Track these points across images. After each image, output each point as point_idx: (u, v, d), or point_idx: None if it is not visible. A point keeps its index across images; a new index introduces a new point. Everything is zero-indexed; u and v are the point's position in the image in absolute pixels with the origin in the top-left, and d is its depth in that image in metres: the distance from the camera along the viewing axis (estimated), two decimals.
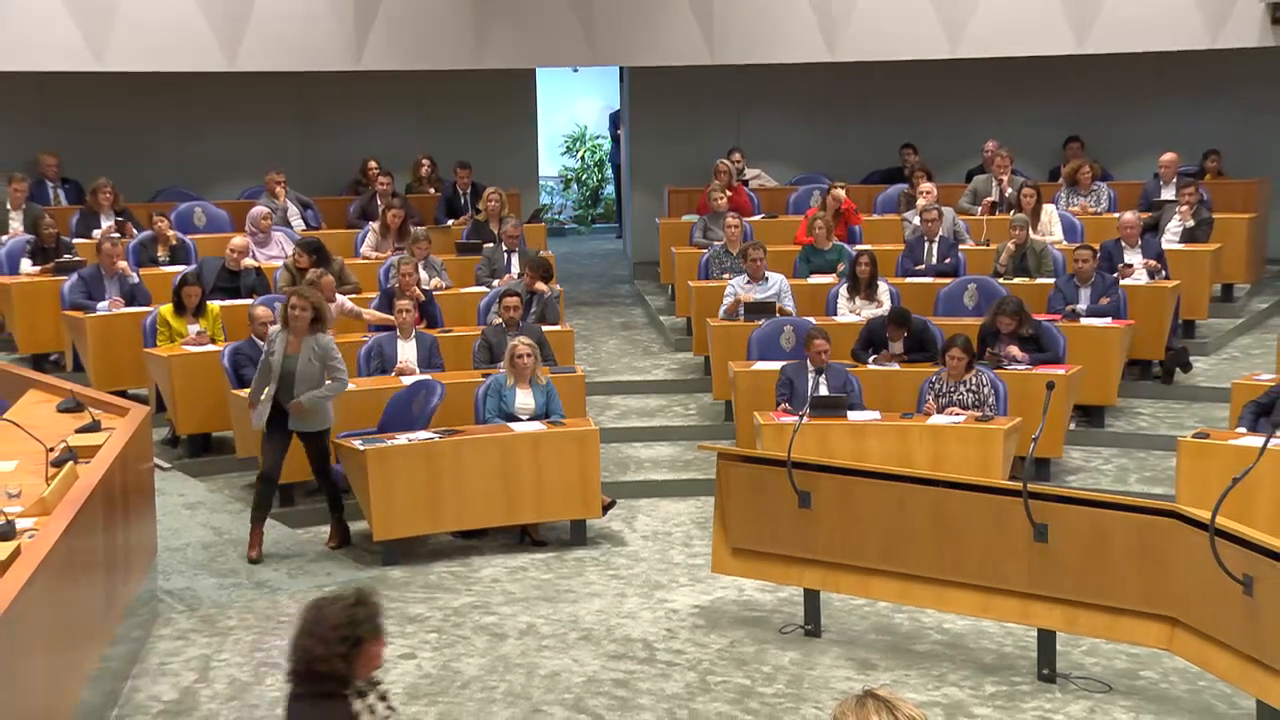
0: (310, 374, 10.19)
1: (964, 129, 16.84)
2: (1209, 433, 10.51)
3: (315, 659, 4.68)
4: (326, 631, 4.68)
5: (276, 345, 10.27)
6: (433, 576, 10.43)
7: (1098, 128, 16.77)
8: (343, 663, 4.69)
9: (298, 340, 10.19)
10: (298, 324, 10.18)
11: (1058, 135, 16.79)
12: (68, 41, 14.98)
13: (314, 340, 10.22)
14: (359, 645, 4.71)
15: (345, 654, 4.68)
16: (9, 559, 7.08)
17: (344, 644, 4.68)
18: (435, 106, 17.38)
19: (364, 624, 4.74)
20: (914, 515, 8.82)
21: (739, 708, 8.28)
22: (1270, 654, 7.47)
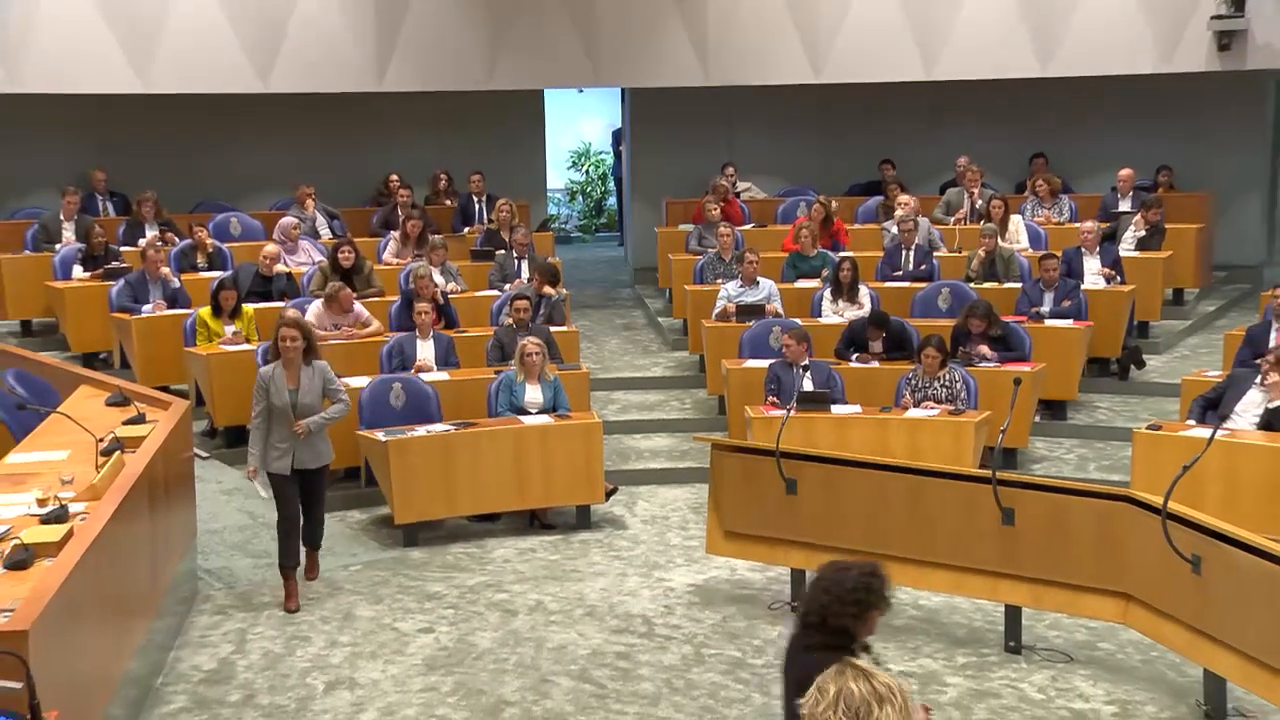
0: (315, 404, 9.34)
1: (938, 146, 16.84)
2: (1161, 425, 10.50)
3: (829, 614, 4.89)
4: (843, 592, 4.89)
5: (275, 384, 9.24)
6: (449, 557, 10.44)
7: (1060, 144, 16.78)
8: (852, 621, 4.88)
9: (294, 372, 9.27)
10: (292, 354, 9.26)
11: (1024, 151, 16.80)
12: (116, 67, 15.03)
13: (310, 369, 9.33)
14: (868, 610, 4.91)
15: (855, 614, 4.88)
16: (63, 540, 7.12)
17: (856, 606, 4.88)
18: (451, 125, 17.36)
19: (876, 593, 4.93)
20: (892, 501, 8.84)
21: (731, 678, 8.30)
22: (1216, 627, 7.51)
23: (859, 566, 5.01)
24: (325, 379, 9.35)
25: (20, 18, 14.68)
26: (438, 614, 9.33)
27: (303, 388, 9.20)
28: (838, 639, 4.86)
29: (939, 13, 15.72)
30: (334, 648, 8.79)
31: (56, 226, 14.99)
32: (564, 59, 16.06)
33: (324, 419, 9.31)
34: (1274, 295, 11.66)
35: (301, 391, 9.18)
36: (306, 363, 9.26)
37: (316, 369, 9.32)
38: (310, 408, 9.21)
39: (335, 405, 9.40)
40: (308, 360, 9.28)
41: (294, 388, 9.18)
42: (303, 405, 9.16)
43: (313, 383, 9.26)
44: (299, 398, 9.16)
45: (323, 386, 9.33)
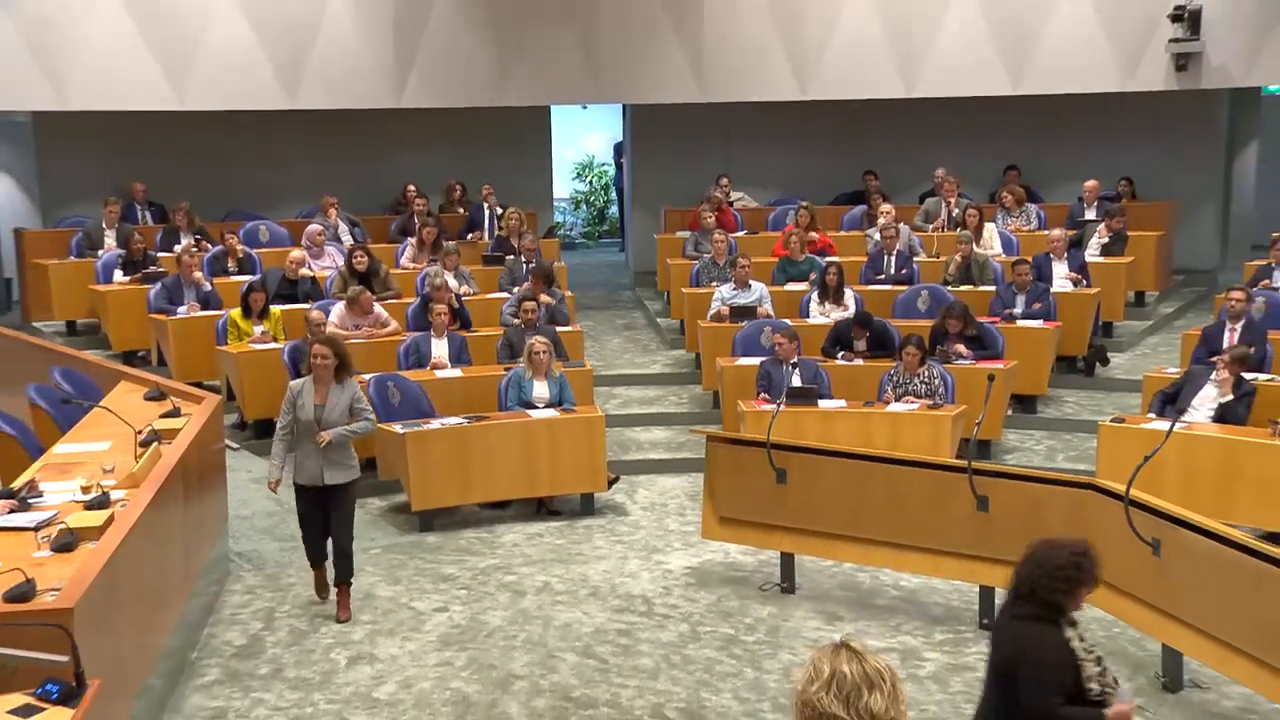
0: (340, 423, 8.68)
1: (917, 158, 16.82)
2: (1124, 418, 10.53)
3: (1039, 587, 4.98)
4: (1054, 569, 4.98)
5: (303, 398, 8.68)
6: (462, 541, 10.45)
7: (1030, 158, 16.78)
8: (1062, 596, 4.97)
9: (323, 389, 8.67)
10: (322, 372, 8.66)
11: (997, 164, 16.82)
12: (155, 86, 15.06)
13: (340, 388, 8.72)
14: (1077, 586, 5.00)
15: (1065, 590, 4.97)
16: (105, 524, 7.14)
17: (1067, 582, 4.97)
18: (464, 138, 17.35)
19: (1086, 570, 5.02)
20: (875, 489, 8.85)
21: (724, 654, 8.32)
22: (1174, 605, 7.53)
23: (1070, 545, 5.09)
24: (354, 398, 8.76)
25: (67, 41, 14.71)
26: (452, 594, 9.35)
27: (329, 404, 8.63)
28: (1047, 611, 4.97)
29: (918, 35, 15.73)
30: (355, 625, 8.80)
31: (99, 234, 15.03)
32: (569, 77, 16.07)
33: (347, 431, 8.71)
34: (1228, 298, 11.68)
35: (328, 408, 8.61)
36: (338, 380, 8.72)
37: (347, 387, 8.76)
38: (334, 424, 8.62)
39: (359, 422, 8.80)
40: (340, 378, 8.73)
41: (320, 403, 8.62)
42: (327, 421, 8.59)
43: (340, 400, 8.68)
44: (324, 414, 8.60)
45: (350, 405, 8.72)
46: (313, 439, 8.56)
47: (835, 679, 3.79)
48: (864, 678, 3.78)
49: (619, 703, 7.67)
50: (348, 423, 8.66)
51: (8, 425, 9.88)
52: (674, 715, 7.51)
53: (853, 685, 3.77)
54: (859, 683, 3.78)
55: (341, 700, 7.73)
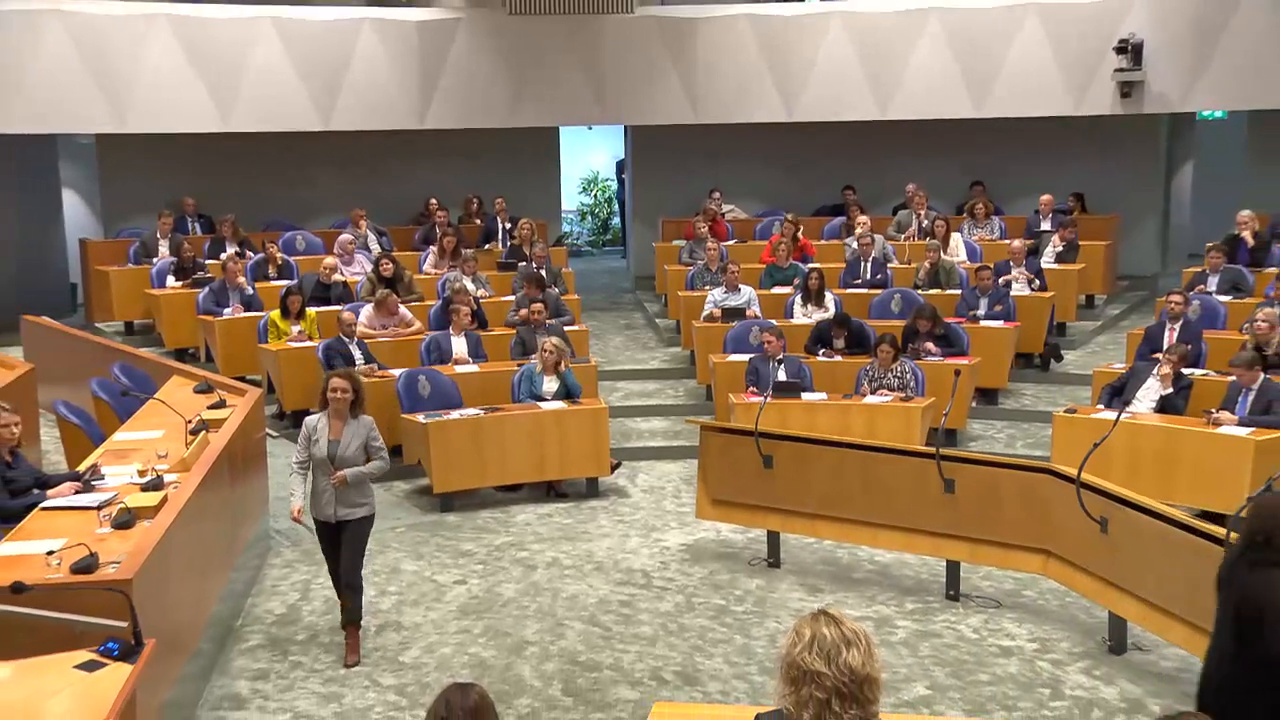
0: (355, 459, 7.80)
1: (891, 174, 16.85)
2: (1076, 408, 10.53)
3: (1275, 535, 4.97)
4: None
5: (319, 434, 7.80)
6: (479, 521, 10.45)
7: (992, 174, 16.80)
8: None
9: (339, 423, 7.81)
10: (338, 405, 7.80)
11: (962, 180, 16.83)
12: (203, 110, 15.12)
13: (356, 423, 7.84)
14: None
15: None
16: (159, 504, 7.18)
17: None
18: (481, 156, 17.34)
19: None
20: (852, 473, 8.87)
21: (716, 622, 8.33)
22: (1120, 577, 7.57)
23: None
24: (369, 435, 7.89)
25: (126, 70, 14.73)
26: (469, 568, 9.37)
27: (344, 440, 7.77)
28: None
29: (891, 64, 15.74)
30: (383, 596, 8.83)
31: (154, 243, 15.07)
32: (575, 101, 16.09)
33: (362, 471, 7.82)
34: (1168, 301, 11.69)
35: (343, 444, 7.76)
36: (353, 415, 7.85)
37: (362, 424, 7.87)
38: (349, 461, 7.75)
39: (375, 462, 7.91)
40: (354, 413, 7.87)
41: (335, 439, 7.77)
42: (341, 458, 7.73)
43: (355, 436, 7.81)
44: (339, 449, 7.75)
45: (365, 442, 7.85)
46: (329, 477, 7.74)
47: (816, 640, 3.82)
48: (842, 638, 3.81)
49: (621, 666, 7.69)
50: (363, 460, 7.82)
51: (73, 415, 9.92)
52: (670, 678, 7.53)
53: (832, 644, 3.80)
54: (838, 642, 3.80)
55: (371, 663, 7.75)
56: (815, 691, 3.74)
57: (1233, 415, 9.77)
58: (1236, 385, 9.97)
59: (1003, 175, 16.86)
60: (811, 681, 3.76)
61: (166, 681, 6.07)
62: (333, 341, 11.76)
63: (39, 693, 4.59)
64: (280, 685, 7.47)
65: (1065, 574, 8.06)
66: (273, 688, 7.45)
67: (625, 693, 7.34)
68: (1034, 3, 15.44)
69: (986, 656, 7.76)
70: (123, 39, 14.74)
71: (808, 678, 3.77)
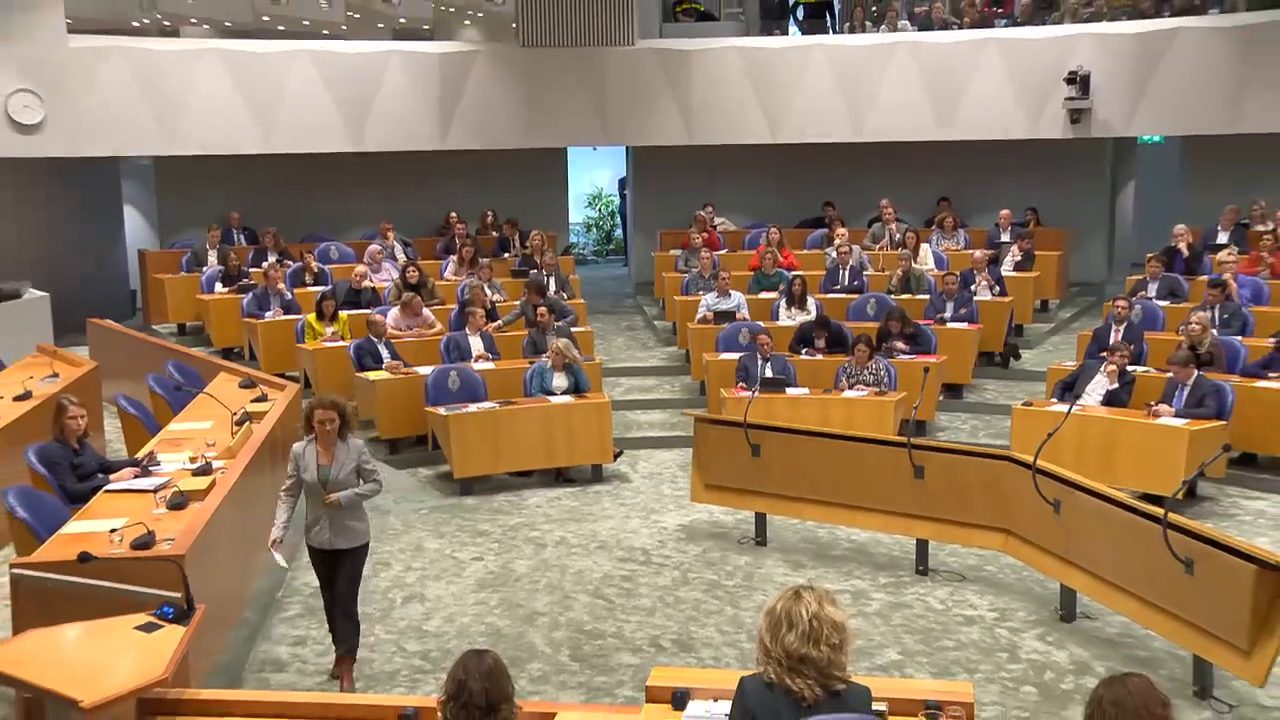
0: (348, 482, 6.98)
1: (866, 191, 16.84)
2: (1032, 402, 10.55)
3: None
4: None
5: (306, 460, 6.92)
6: (495, 503, 10.45)
7: (956, 191, 16.81)
8: None
9: (328, 450, 6.95)
10: (327, 434, 6.94)
11: (930, 196, 16.84)
12: (247, 133, 15.12)
13: (345, 446, 7.00)
14: None
15: None
16: (208, 488, 7.22)
17: None
18: (496, 174, 17.37)
19: None
20: (832, 460, 8.88)
21: (709, 595, 8.35)
22: (1070, 552, 7.61)
23: None
24: (360, 458, 7.05)
25: (178, 97, 14.75)
26: (486, 546, 9.37)
27: (336, 463, 6.93)
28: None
29: (865, 92, 15.75)
30: (408, 571, 8.85)
31: (203, 253, 15.07)
32: (581, 124, 16.10)
33: (356, 494, 7.00)
34: (1113, 305, 11.72)
35: (334, 468, 6.92)
36: (342, 438, 7.02)
37: (351, 446, 7.04)
38: (342, 484, 6.94)
39: (369, 484, 7.08)
40: (343, 436, 7.04)
41: (327, 464, 6.93)
42: (335, 482, 6.90)
43: (347, 459, 6.98)
44: (331, 473, 6.91)
45: (357, 464, 7.01)
46: (322, 502, 6.93)
47: (769, 614, 3.91)
48: (787, 616, 3.86)
49: (623, 635, 7.71)
50: (356, 483, 7.00)
51: (133, 408, 9.95)
52: (668, 645, 7.55)
53: (776, 622, 3.88)
54: (780, 620, 3.87)
55: (398, 631, 7.78)
56: (769, 663, 3.84)
57: (1170, 408, 9.80)
58: (1173, 381, 10.00)
59: (966, 192, 16.87)
60: (764, 652, 3.86)
61: (216, 647, 6.10)
62: (363, 341, 11.78)
63: (105, 650, 4.67)
64: (317, 650, 7.50)
65: (1022, 551, 8.08)
66: (310, 652, 7.47)
67: (627, 658, 7.37)
68: (993, 38, 15.47)
69: (952, 625, 7.78)
70: (177, 71, 14.77)
71: (764, 650, 3.87)
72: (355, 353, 11.69)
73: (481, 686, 3.95)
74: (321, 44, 15.63)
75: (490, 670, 3.99)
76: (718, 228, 16.58)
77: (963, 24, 15.91)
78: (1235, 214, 14.59)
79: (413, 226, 16.64)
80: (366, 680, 7.09)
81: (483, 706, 3.93)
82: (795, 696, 3.79)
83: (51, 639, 4.76)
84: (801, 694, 3.78)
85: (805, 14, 16.89)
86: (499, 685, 3.99)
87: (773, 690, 3.83)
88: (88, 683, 4.33)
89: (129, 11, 15.74)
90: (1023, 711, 6.63)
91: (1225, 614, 6.43)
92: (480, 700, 3.94)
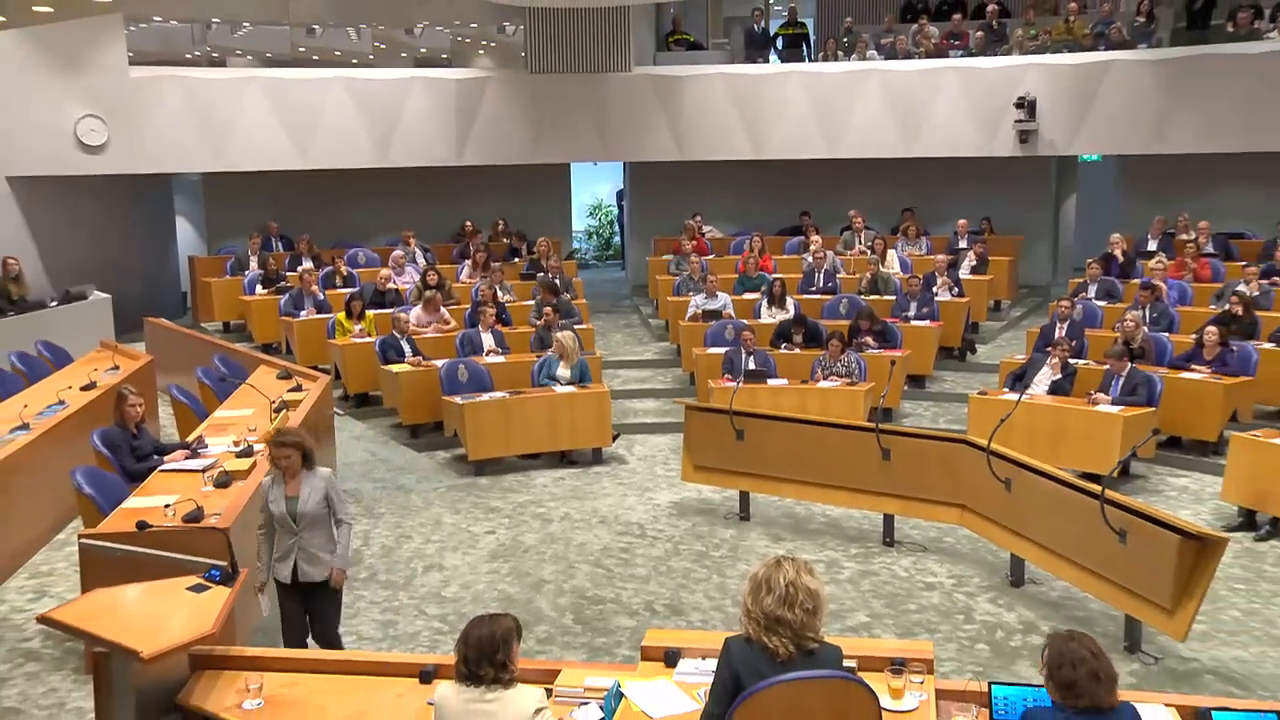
0: (319, 514, 5.99)
1: (838, 202, 16.78)
2: (986, 391, 10.58)
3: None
4: None
5: (273, 493, 6.00)
6: (505, 483, 10.47)
7: (920, 202, 16.82)
8: None
9: (294, 482, 6.02)
10: (289, 470, 6.00)
11: (896, 206, 16.81)
12: (286, 151, 15.10)
13: (313, 477, 6.05)
14: None
15: None
16: (249, 468, 7.23)
17: None
18: (508, 186, 17.35)
19: None
20: (808, 444, 8.91)
21: (698, 564, 8.38)
22: (1019, 525, 7.64)
23: None
24: (330, 491, 6.06)
25: (225, 120, 14.78)
26: (498, 521, 9.40)
27: (302, 496, 5.98)
28: None
29: (837, 114, 15.74)
30: (428, 543, 8.88)
31: (246, 259, 15.08)
32: (584, 142, 16.09)
33: (343, 550, 6.05)
34: (1058, 305, 11.75)
35: (302, 499, 5.98)
36: (308, 468, 6.06)
37: (319, 475, 6.09)
38: (310, 516, 5.96)
39: (344, 528, 6.07)
40: (309, 466, 6.07)
41: (294, 495, 5.99)
42: (303, 514, 5.96)
43: (315, 490, 6.02)
44: (299, 506, 5.97)
45: (325, 496, 6.03)
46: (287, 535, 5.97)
47: (752, 579, 3.94)
48: (767, 582, 3.90)
49: (620, 600, 7.74)
50: (325, 513, 6.02)
51: (183, 396, 9.96)
52: (661, 609, 7.58)
53: (755, 586, 3.91)
54: (761, 585, 3.90)
55: (419, 598, 7.81)
56: (749, 623, 3.86)
57: (1107, 396, 9.84)
58: (1110, 373, 10.03)
59: (928, 203, 16.86)
60: (745, 613, 3.88)
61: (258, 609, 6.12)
62: (387, 338, 11.79)
63: (161, 607, 4.72)
64: (347, 614, 7.50)
65: (977, 524, 8.12)
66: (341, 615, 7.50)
67: (624, 621, 7.40)
68: (951, 67, 15.48)
69: (914, 590, 7.82)
70: (224, 97, 14.80)
71: (745, 610, 3.89)
72: (380, 348, 11.70)
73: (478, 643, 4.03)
74: (351, 72, 15.63)
75: (491, 633, 4.06)
76: (705, 235, 16.58)
77: (924, 54, 15.92)
78: (1163, 224, 14.68)
79: (432, 234, 16.63)
80: (391, 640, 7.13)
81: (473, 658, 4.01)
82: (771, 653, 3.82)
83: (114, 598, 4.80)
84: (776, 650, 3.82)
85: (784, 44, 16.89)
86: (500, 643, 4.04)
87: (751, 646, 3.87)
88: (146, 636, 4.37)
89: (182, 45, 15.93)
90: (977, 666, 6.67)
91: (1152, 578, 6.49)
92: (475, 654, 4.02)
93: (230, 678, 4.70)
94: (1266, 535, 8.64)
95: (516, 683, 4.09)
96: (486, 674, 4.02)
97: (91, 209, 15.14)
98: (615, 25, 15.79)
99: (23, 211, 14.21)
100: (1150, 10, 15.06)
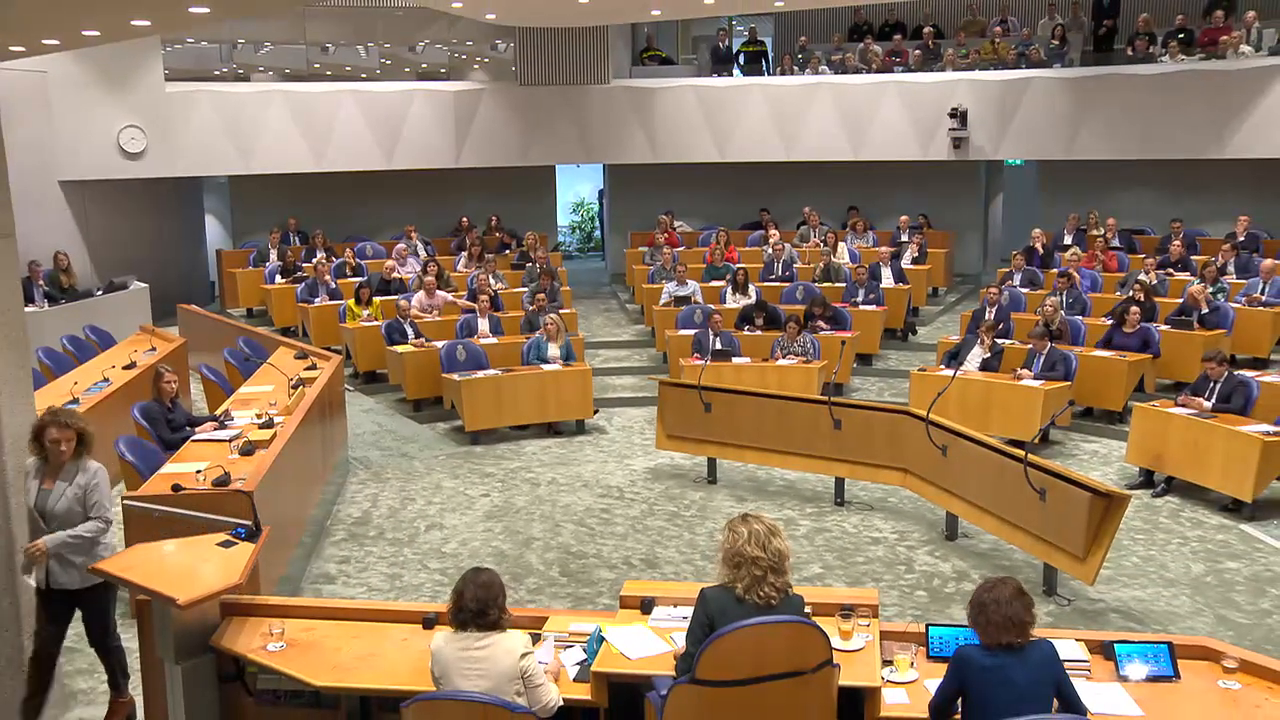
0: (68, 513, 4.79)
1: (795, 200, 16.77)
2: (926, 368, 10.61)
3: None
4: None
5: (31, 483, 4.83)
6: (498, 451, 10.44)
7: (866, 200, 16.82)
8: None
9: (54, 474, 4.80)
10: (58, 455, 4.77)
11: (844, 204, 16.82)
12: (303, 155, 14.96)
13: (77, 470, 4.80)
14: None
15: None
16: (271, 438, 7.18)
17: None
18: (500, 186, 17.25)
19: None
20: (768, 415, 8.93)
21: (670, 523, 8.40)
22: (954, 485, 7.70)
23: None
24: (89, 488, 4.81)
25: (250, 129, 14.68)
26: (491, 485, 9.38)
27: (57, 490, 4.79)
28: None
29: (794, 121, 15.70)
30: (430, 505, 8.86)
31: (266, 252, 14.94)
32: (568, 146, 15.99)
33: (67, 536, 4.75)
34: (987, 292, 11.79)
35: (55, 494, 4.79)
36: (77, 455, 4.82)
37: (84, 471, 4.83)
38: (60, 516, 4.78)
39: (88, 523, 4.80)
40: (79, 455, 4.83)
41: (49, 488, 4.80)
42: (51, 512, 4.78)
43: (69, 489, 4.80)
44: (50, 503, 4.79)
45: (84, 493, 4.80)
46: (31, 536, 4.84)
47: (751, 534, 3.91)
48: (769, 530, 3.91)
49: (602, 555, 7.76)
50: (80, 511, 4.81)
51: (212, 374, 9.89)
52: (638, 563, 7.60)
53: (764, 534, 3.90)
54: (767, 534, 3.90)
55: (422, 554, 7.80)
56: (753, 570, 3.85)
57: (1029, 372, 9.91)
58: (1033, 351, 10.11)
59: (873, 202, 16.87)
60: (750, 563, 3.86)
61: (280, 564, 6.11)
62: (392, 322, 11.72)
63: (194, 560, 4.69)
64: (358, 567, 7.52)
65: (917, 485, 8.18)
66: (353, 569, 7.49)
67: (605, 574, 7.41)
68: (892, 81, 15.48)
69: (862, 544, 7.87)
70: (249, 109, 14.70)
71: (747, 561, 3.87)
72: (386, 331, 11.64)
73: (474, 594, 4.00)
74: (361, 85, 15.51)
75: (483, 582, 4.04)
76: (677, 229, 16.56)
77: (869, 70, 15.93)
78: (1076, 221, 14.83)
79: (432, 229, 16.52)
80: (398, 590, 7.12)
81: (473, 610, 3.99)
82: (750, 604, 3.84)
83: (153, 552, 4.77)
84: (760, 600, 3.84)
85: (745, 60, 16.86)
86: (489, 594, 4.02)
87: (727, 594, 3.88)
88: (182, 585, 4.36)
89: (212, 63, 16.04)
90: (916, 610, 6.73)
91: (1067, 530, 6.58)
92: (472, 605, 3.99)
93: (256, 623, 4.69)
94: (1162, 492, 8.78)
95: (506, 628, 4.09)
96: (492, 615, 4.01)
97: (132, 209, 15.13)
98: (596, 43, 15.69)
99: (72, 211, 14.24)
100: (1064, 35, 15.31)
